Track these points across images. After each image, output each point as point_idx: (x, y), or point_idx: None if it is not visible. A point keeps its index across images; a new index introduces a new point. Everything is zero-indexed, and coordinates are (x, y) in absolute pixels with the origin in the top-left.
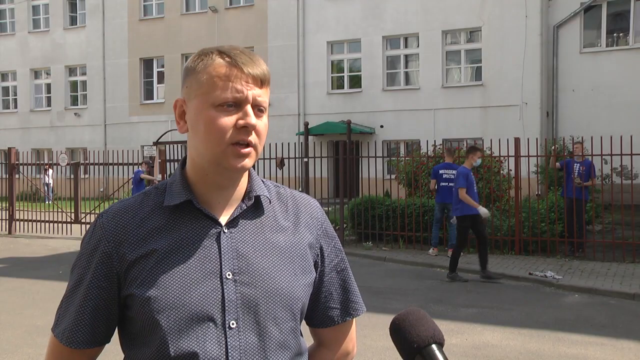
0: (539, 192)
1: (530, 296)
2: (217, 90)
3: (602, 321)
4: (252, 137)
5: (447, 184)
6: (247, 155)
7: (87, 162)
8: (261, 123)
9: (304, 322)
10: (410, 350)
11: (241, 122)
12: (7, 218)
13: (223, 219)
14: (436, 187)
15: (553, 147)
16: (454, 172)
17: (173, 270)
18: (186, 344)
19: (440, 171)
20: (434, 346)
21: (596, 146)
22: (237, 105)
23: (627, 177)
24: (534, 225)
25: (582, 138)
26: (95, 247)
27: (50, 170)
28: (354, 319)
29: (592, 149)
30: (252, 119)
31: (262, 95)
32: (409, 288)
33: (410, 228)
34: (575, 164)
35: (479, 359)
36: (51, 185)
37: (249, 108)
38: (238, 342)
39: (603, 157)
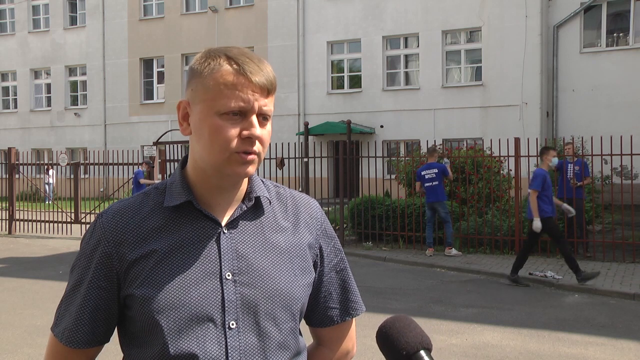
0: None
1: (530, 296)
2: (223, 98)
3: (602, 321)
4: (256, 147)
5: (430, 183)
6: (250, 162)
7: (87, 162)
8: (265, 132)
9: (303, 321)
10: (398, 357)
11: (246, 132)
12: (7, 218)
13: (223, 220)
14: (422, 188)
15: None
16: (435, 170)
17: (173, 270)
18: (186, 345)
19: (423, 172)
20: (422, 352)
21: (596, 146)
22: (243, 114)
23: (627, 177)
24: None
25: (582, 138)
26: (95, 247)
27: (52, 170)
28: (354, 319)
29: (592, 149)
30: (257, 130)
31: (267, 104)
32: (409, 288)
33: (410, 228)
34: (569, 164)
35: (479, 359)
36: (53, 185)
37: (254, 119)
38: (238, 343)
39: (603, 157)
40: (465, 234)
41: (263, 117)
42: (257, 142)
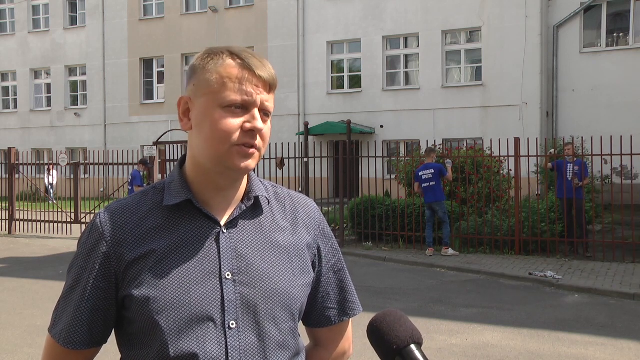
0: (539, 192)
1: (530, 296)
2: (226, 90)
3: (602, 321)
4: (257, 141)
5: (428, 184)
6: (251, 155)
7: (87, 162)
8: (266, 127)
9: (300, 322)
10: (389, 351)
11: (248, 125)
12: (7, 218)
13: (222, 220)
14: (421, 189)
15: (552, 151)
16: (432, 171)
17: (172, 270)
18: (186, 345)
19: (420, 173)
20: (413, 346)
21: (596, 146)
22: (245, 107)
23: (627, 177)
24: (534, 225)
25: (582, 138)
26: (92, 247)
27: (54, 171)
28: (350, 319)
29: (592, 149)
30: (259, 123)
31: (269, 100)
32: (409, 288)
33: (410, 228)
34: (569, 164)
35: (479, 359)
36: (55, 185)
37: (256, 112)
38: (238, 342)
39: (603, 157)
40: (465, 234)
41: (264, 113)
42: (258, 136)
